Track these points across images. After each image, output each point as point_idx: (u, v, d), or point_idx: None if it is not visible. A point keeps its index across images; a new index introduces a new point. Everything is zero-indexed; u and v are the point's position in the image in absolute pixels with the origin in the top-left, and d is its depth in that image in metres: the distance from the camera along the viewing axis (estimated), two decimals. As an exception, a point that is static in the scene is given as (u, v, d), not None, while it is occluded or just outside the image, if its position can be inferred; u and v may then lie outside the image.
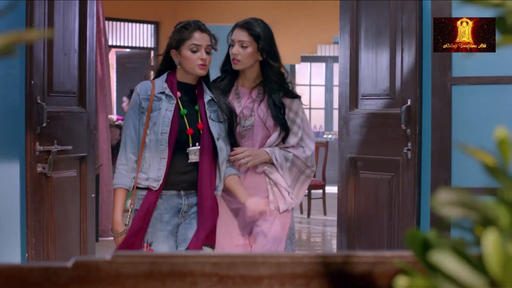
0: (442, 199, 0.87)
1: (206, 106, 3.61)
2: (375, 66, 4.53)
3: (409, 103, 4.27)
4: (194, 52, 3.55)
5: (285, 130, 3.79)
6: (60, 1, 4.36)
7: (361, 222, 4.58)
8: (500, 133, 0.89)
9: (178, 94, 3.59)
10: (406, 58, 4.31)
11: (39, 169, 4.16)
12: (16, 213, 4.20)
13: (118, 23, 12.22)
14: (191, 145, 3.56)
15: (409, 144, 4.26)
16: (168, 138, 3.50)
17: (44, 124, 4.17)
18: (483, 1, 1.01)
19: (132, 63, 12.60)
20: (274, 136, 3.79)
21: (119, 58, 12.91)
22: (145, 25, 12.54)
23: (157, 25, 12.61)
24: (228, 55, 3.85)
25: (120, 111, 10.91)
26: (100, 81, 7.15)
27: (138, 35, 12.55)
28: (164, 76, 3.64)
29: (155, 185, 3.50)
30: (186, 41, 3.56)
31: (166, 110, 3.53)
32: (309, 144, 3.87)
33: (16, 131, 4.16)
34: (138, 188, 3.53)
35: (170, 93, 3.56)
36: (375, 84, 4.53)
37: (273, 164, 3.77)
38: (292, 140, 3.81)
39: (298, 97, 3.87)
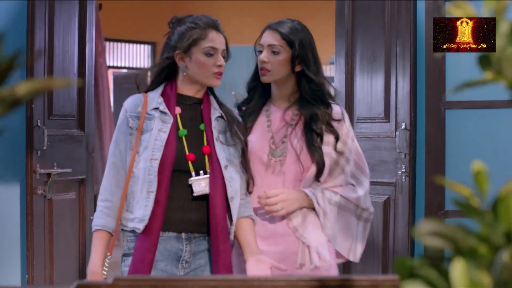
0: (422, 230, 0.92)
1: (213, 124, 2.82)
2: (370, 90, 4.57)
3: (403, 126, 4.31)
4: (209, 56, 2.77)
5: (320, 166, 2.93)
6: (60, 25, 4.42)
7: (356, 244, 4.60)
8: (476, 166, 0.94)
9: (178, 110, 2.82)
10: (401, 82, 4.36)
11: (39, 191, 4.19)
12: (16, 235, 4.23)
13: (115, 43, 12.27)
14: (193, 174, 2.76)
15: (404, 167, 4.30)
16: (159, 166, 2.70)
17: (45, 148, 4.22)
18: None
19: (129, 84, 12.59)
20: (312, 171, 2.95)
21: (115, 78, 12.94)
22: (141, 45, 12.58)
23: (154, 45, 12.65)
24: (257, 69, 3.04)
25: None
26: (103, 102, 7.19)
27: (135, 56, 12.60)
28: (160, 88, 2.86)
29: (140, 227, 2.70)
30: (200, 42, 2.78)
31: (159, 131, 2.76)
32: (363, 181, 3.04)
33: (17, 154, 4.20)
34: (124, 230, 2.79)
35: (166, 110, 2.79)
36: (370, 107, 4.57)
37: (313, 208, 2.94)
38: (338, 179, 2.99)
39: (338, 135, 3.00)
